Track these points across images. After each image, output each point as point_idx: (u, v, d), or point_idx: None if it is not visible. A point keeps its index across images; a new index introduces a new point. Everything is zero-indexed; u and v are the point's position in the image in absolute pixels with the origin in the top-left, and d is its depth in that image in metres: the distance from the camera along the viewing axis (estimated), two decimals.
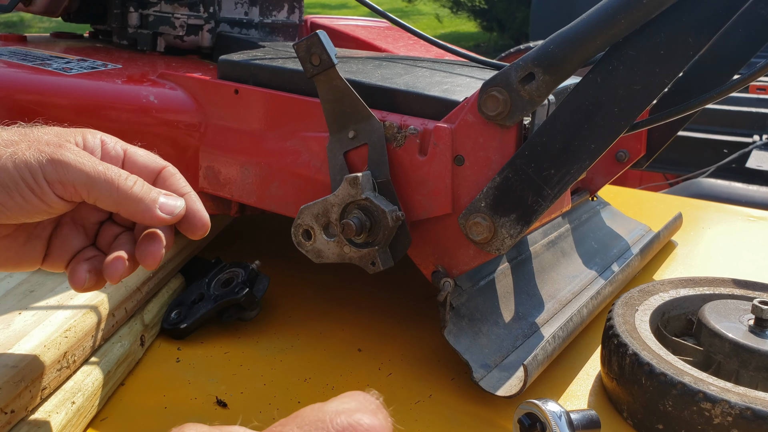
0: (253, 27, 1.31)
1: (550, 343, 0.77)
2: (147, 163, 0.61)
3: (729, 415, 0.63)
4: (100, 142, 0.60)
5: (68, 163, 0.53)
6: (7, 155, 0.52)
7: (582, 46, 0.65)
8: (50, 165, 0.52)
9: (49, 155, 0.52)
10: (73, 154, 0.53)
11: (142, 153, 0.62)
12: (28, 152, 0.52)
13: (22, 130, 0.56)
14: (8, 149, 0.52)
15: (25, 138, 0.54)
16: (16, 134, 0.55)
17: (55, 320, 0.72)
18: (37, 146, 0.53)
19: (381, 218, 0.75)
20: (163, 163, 0.62)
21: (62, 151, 0.53)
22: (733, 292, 0.87)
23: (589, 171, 1.16)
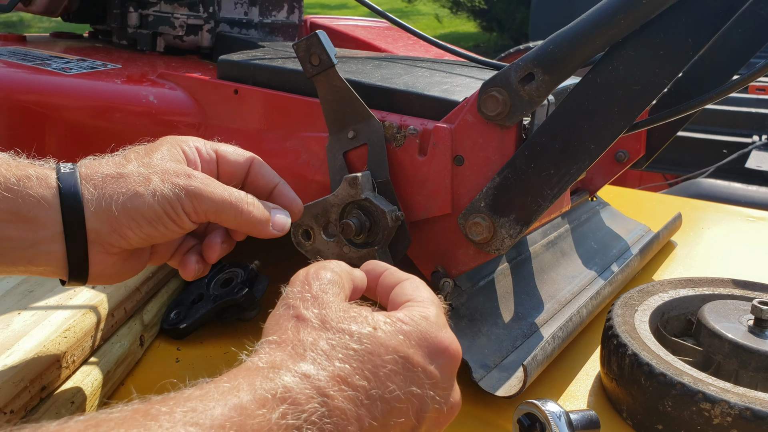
0: (252, 27, 1.31)
1: (549, 344, 0.77)
2: (237, 159, 0.66)
3: (728, 415, 0.63)
4: (196, 151, 0.64)
5: (201, 194, 0.59)
6: (146, 191, 0.57)
7: (581, 47, 0.65)
8: (187, 198, 0.58)
9: (184, 188, 0.58)
10: (202, 183, 0.60)
11: (230, 150, 0.67)
12: (164, 186, 0.58)
13: (140, 158, 0.60)
14: (138, 177, 0.58)
15: (151, 168, 0.59)
16: (139, 164, 0.59)
17: (54, 320, 0.72)
18: (169, 178, 0.58)
19: (380, 218, 0.75)
20: (250, 156, 0.67)
21: (193, 183, 0.59)
22: (733, 292, 0.87)
23: (588, 171, 1.16)
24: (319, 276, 0.51)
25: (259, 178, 0.68)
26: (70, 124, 1.00)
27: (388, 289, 0.55)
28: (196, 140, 0.65)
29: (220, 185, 0.61)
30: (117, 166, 0.59)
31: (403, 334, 0.47)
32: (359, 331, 0.45)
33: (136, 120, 1.01)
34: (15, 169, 0.56)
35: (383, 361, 0.45)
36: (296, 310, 0.47)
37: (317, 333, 0.45)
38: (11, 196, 0.54)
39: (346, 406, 0.41)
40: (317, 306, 0.47)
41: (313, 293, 0.49)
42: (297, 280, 0.51)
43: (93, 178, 0.57)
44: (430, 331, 0.49)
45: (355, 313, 0.47)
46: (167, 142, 0.64)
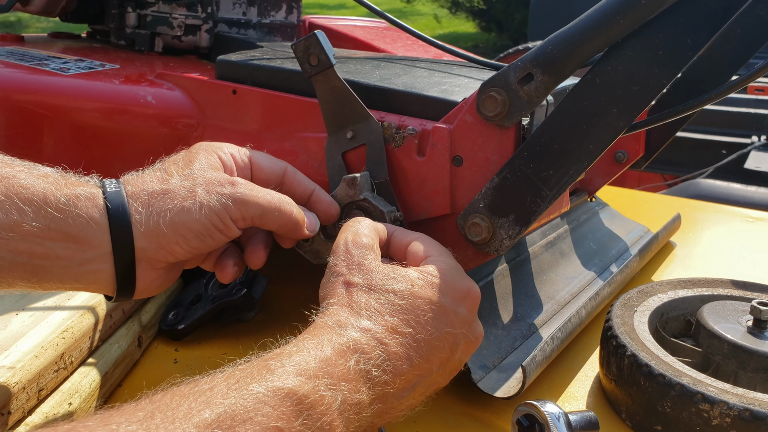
0: (251, 27, 1.31)
1: (548, 344, 0.77)
2: (271, 166, 0.68)
3: (727, 416, 0.63)
4: (231, 157, 0.65)
5: (247, 200, 0.61)
6: (192, 205, 0.58)
7: (580, 47, 0.65)
8: (234, 205, 0.60)
9: (230, 196, 0.60)
10: (247, 189, 0.61)
11: (263, 157, 0.69)
12: (210, 197, 0.59)
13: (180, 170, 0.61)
14: (183, 191, 0.59)
15: (194, 180, 0.60)
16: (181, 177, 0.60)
17: (52, 321, 0.72)
18: (214, 189, 0.60)
19: (379, 219, 0.74)
20: (283, 164, 0.70)
21: (238, 190, 0.61)
22: (732, 293, 0.87)
23: (587, 172, 1.16)
24: (357, 243, 0.60)
25: (295, 186, 0.70)
26: (68, 125, 1.00)
27: (402, 246, 0.64)
28: (230, 147, 0.66)
29: (263, 189, 0.63)
30: (161, 182, 0.60)
31: (434, 287, 0.58)
32: (401, 290, 0.56)
33: (135, 120, 1.01)
34: (64, 187, 0.56)
35: (422, 310, 0.56)
36: (345, 277, 0.57)
37: (367, 295, 0.55)
38: (61, 216, 0.55)
39: (399, 350, 0.53)
40: (362, 272, 0.57)
41: (356, 261, 0.58)
42: (339, 250, 0.60)
43: (139, 196, 0.58)
44: (455, 279, 0.60)
45: (394, 274, 0.57)
46: (203, 149, 0.64)
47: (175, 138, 0.99)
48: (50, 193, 0.55)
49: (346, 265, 0.58)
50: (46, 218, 0.54)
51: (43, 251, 0.55)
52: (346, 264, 0.58)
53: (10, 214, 0.53)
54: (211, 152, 0.64)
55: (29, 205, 0.53)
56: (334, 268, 0.58)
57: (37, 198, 0.54)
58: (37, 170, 0.56)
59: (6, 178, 0.54)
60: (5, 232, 0.53)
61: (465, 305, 0.60)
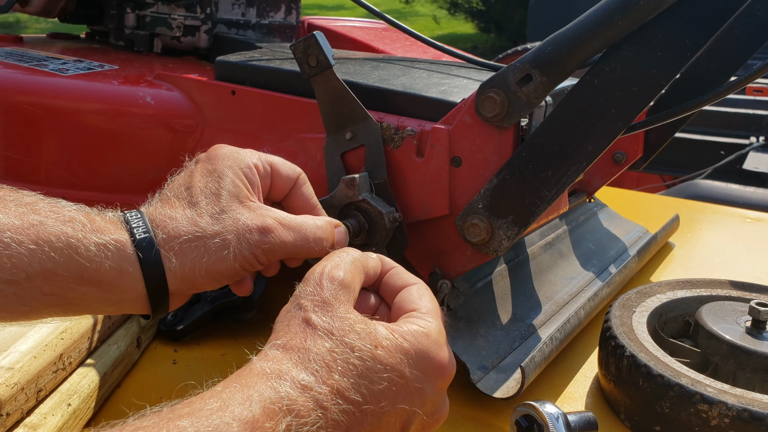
0: (250, 28, 1.31)
1: (547, 345, 0.77)
2: (288, 174, 0.66)
3: (726, 416, 0.63)
4: (255, 171, 0.63)
5: (276, 250, 0.60)
6: (226, 255, 0.58)
7: (579, 48, 0.65)
8: (263, 254, 0.59)
9: (261, 248, 0.59)
10: (276, 238, 0.59)
11: (281, 163, 0.66)
12: (242, 247, 0.58)
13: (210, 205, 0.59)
14: (215, 239, 0.58)
15: (225, 225, 0.59)
16: (212, 218, 0.59)
17: (51, 322, 0.71)
18: (245, 237, 0.58)
19: (378, 220, 0.75)
20: (298, 170, 0.67)
21: (267, 239, 0.59)
22: (730, 293, 0.87)
23: (586, 172, 1.16)
24: (333, 277, 0.53)
25: (296, 197, 0.67)
26: (67, 126, 1.00)
27: (394, 289, 0.58)
28: (251, 155, 0.64)
29: (292, 227, 0.61)
30: (191, 223, 0.58)
31: (402, 353, 0.49)
32: (361, 347, 0.48)
33: (134, 121, 1.01)
34: (91, 234, 0.55)
35: (380, 378, 0.48)
36: (306, 313, 0.50)
37: (323, 342, 0.48)
38: (92, 266, 0.54)
39: (340, 419, 0.46)
40: (327, 313, 0.50)
41: (324, 297, 0.51)
42: (311, 279, 0.53)
43: (172, 246, 0.57)
44: (430, 350, 0.51)
45: (360, 328, 0.50)
46: (228, 166, 0.62)
47: (174, 139, 0.99)
48: (78, 242, 0.54)
49: (313, 299, 0.51)
50: (78, 267, 0.54)
51: (77, 295, 0.55)
52: (312, 298, 0.51)
53: (43, 263, 0.53)
54: (237, 171, 0.62)
55: (59, 254, 0.53)
56: (298, 299, 0.52)
57: (66, 247, 0.54)
58: (62, 213, 0.56)
59: (34, 226, 0.53)
60: (39, 279, 0.53)
61: (435, 383, 0.51)
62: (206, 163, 0.63)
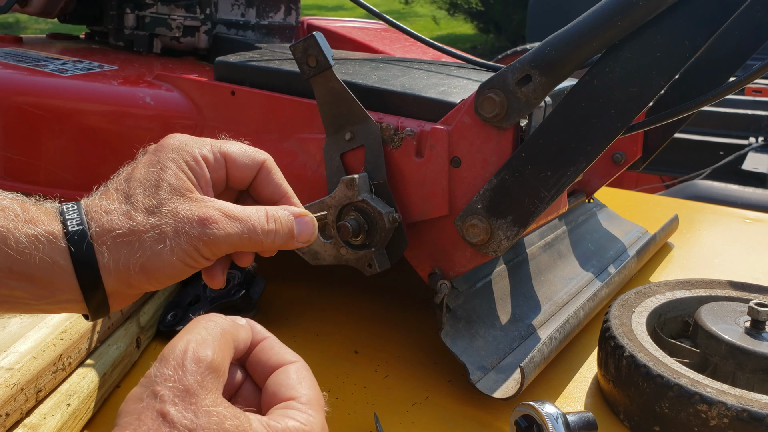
0: (249, 29, 1.31)
1: (546, 345, 0.77)
2: (247, 162, 0.61)
3: (725, 417, 0.63)
4: (204, 162, 0.59)
5: (219, 242, 0.55)
6: (162, 250, 0.53)
7: (578, 49, 0.65)
8: (205, 246, 0.55)
9: (201, 239, 0.54)
10: (218, 229, 0.55)
11: (239, 152, 0.61)
12: (180, 240, 0.54)
13: (147, 197, 0.55)
14: (151, 233, 0.54)
15: (162, 217, 0.54)
16: (148, 212, 0.55)
17: (50, 322, 0.71)
18: (183, 229, 0.54)
19: (378, 220, 0.75)
20: (260, 159, 0.62)
21: (208, 231, 0.54)
22: (730, 294, 0.88)
23: (585, 173, 1.16)
24: (198, 358, 0.44)
25: (262, 187, 0.62)
26: (66, 126, 1.00)
27: (267, 367, 0.51)
28: (202, 145, 0.60)
29: (237, 218, 0.56)
30: (126, 217, 0.54)
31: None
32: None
33: (133, 121, 1.01)
34: (23, 224, 0.52)
35: None
36: (163, 405, 0.41)
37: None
38: (22, 258, 0.51)
39: None
40: (189, 406, 0.42)
41: (188, 385, 0.43)
42: (171, 359, 0.44)
43: (104, 240, 0.53)
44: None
45: (230, 424, 0.42)
46: (171, 159, 0.58)
47: None
48: (8, 232, 0.51)
49: (172, 386, 0.42)
50: (7, 259, 0.51)
51: (7, 291, 0.52)
52: (172, 385, 0.42)
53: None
54: (181, 163, 0.57)
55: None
56: (154, 385, 0.42)
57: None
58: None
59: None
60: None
61: None
62: (152, 154, 0.59)
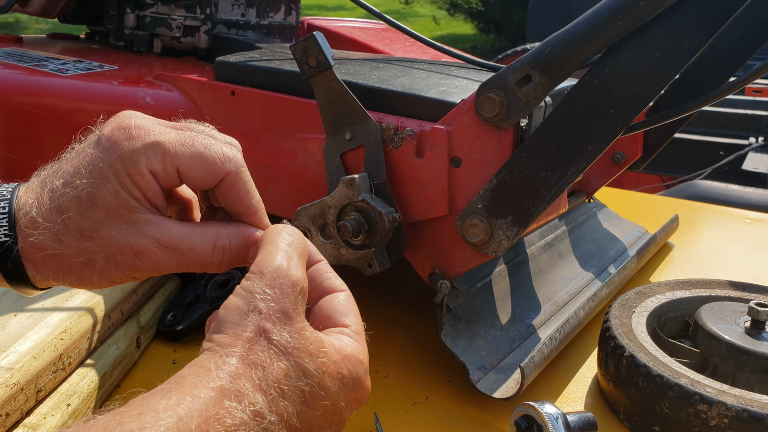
0: (249, 28, 1.31)
1: (546, 345, 0.77)
2: (203, 175, 0.55)
3: (725, 417, 0.63)
4: (151, 177, 0.54)
5: (150, 271, 0.55)
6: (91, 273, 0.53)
7: (579, 49, 0.65)
8: (136, 274, 0.54)
9: (131, 266, 0.54)
10: (151, 261, 0.54)
11: (196, 163, 0.55)
12: (110, 267, 0.54)
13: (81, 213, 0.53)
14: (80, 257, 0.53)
15: (94, 242, 0.53)
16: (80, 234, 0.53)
17: (50, 322, 0.71)
18: (114, 259, 0.53)
19: (378, 220, 0.75)
20: (224, 169, 0.55)
21: (140, 261, 0.54)
22: (730, 294, 0.88)
23: (585, 173, 1.16)
24: (294, 282, 0.49)
25: (224, 199, 0.57)
26: (66, 126, 1.00)
27: (320, 289, 0.55)
28: (152, 156, 0.54)
29: (175, 247, 0.54)
30: (55, 239, 0.53)
31: (340, 381, 0.49)
32: (312, 373, 0.47)
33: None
34: None
35: (319, 405, 0.47)
36: (265, 323, 0.46)
37: (279, 363, 0.46)
38: None
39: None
40: (285, 327, 0.47)
41: (286, 307, 0.47)
42: (268, 275, 0.49)
43: (33, 259, 0.53)
44: (361, 378, 0.51)
45: (313, 350, 0.47)
46: (116, 172, 0.53)
47: None
48: None
49: (274, 306, 0.47)
50: None
51: None
52: (274, 305, 0.47)
53: None
54: (124, 177, 0.53)
55: None
56: (257, 300, 0.47)
57: None
58: None
59: None
60: None
61: (355, 407, 0.52)
62: (97, 150, 0.55)
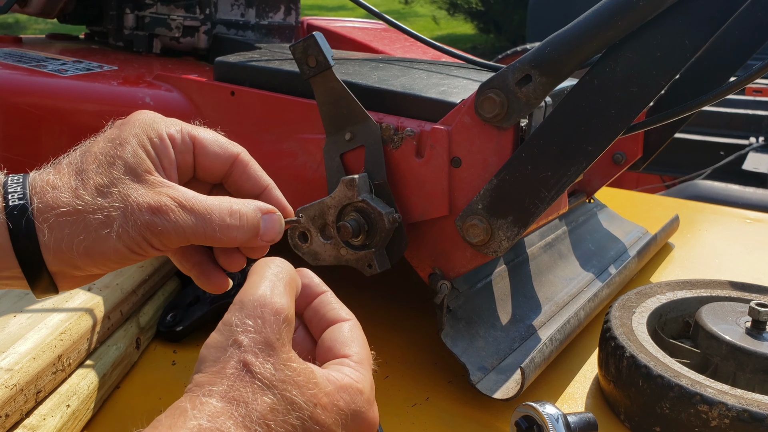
0: (249, 29, 1.31)
1: (547, 346, 0.77)
2: (218, 153, 0.57)
3: (726, 417, 0.63)
4: (170, 141, 0.55)
5: (169, 234, 0.51)
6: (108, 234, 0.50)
7: (579, 48, 0.65)
8: (154, 237, 0.51)
9: (150, 230, 0.51)
10: (168, 221, 0.51)
11: (212, 139, 0.57)
12: (128, 227, 0.50)
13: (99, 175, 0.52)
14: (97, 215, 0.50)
15: (112, 198, 0.51)
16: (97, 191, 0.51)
17: (50, 323, 0.71)
18: (132, 216, 0.51)
19: (378, 220, 0.74)
20: (235, 151, 0.58)
21: (158, 221, 0.51)
22: (730, 294, 0.87)
23: (586, 173, 1.16)
24: (277, 311, 0.47)
25: (243, 181, 0.58)
26: (66, 126, 1.00)
27: (323, 320, 0.53)
28: (171, 124, 0.56)
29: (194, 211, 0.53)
30: (73, 195, 0.51)
31: (338, 414, 0.46)
32: (302, 406, 0.44)
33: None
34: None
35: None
36: (246, 356, 0.44)
37: (263, 397, 0.43)
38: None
39: None
40: (269, 359, 0.45)
41: (268, 337, 0.45)
42: (249, 306, 0.47)
43: (47, 217, 0.50)
44: (362, 409, 0.48)
45: (301, 381, 0.45)
46: (134, 135, 0.54)
47: None
48: None
49: (254, 338, 0.45)
50: None
51: None
52: (253, 337, 0.45)
53: None
54: (143, 138, 0.54)
55: None
56: (237, 334, 0.45)
57: None
58: None
59: None
60: None
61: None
62: (115, 128, 0.56)
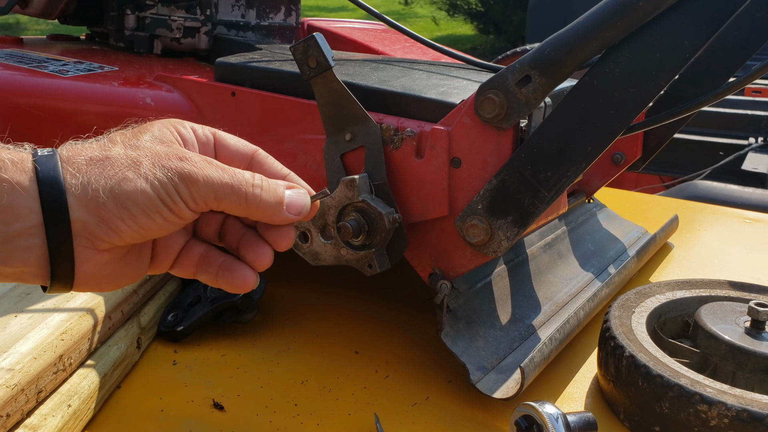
0: (249, 29, 1.31)
1: (546, 346, 0.77)
2: (238, 147, 0.60)
3: (725, 417, 0.63)
4: (192, 131, 0.58)
5: (197, 178, 0.52)
6: (136, 175, 0.50)
7: (578, 49, 0.65)
8: (182, 182, 0.51)
9: (177, 172, 0.51)
10: (197, 167, 0.52)
11: (230, 137, 0.60)
12: (156, 170, 0.51)
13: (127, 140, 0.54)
14: (125, 159, 0.52)
15: (140, 151, 0.52)
16: (126, 146, 0.53)
17: (51, 323, 0.72)
18: (160, 161, 0.52)
19: (378, 221, 0.75)
20: (254, 147, 0.61)
21: (186, 166, 0.52)
22: (730, 294, 0.88)
23: (585, 173, 1.16)
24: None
25: (264, 170, 0.60)
26: (67, 127, 1.00)
27: None
28: (191, 123, 0.59)
29: (220, 167, 0.54)
30: (102, 149, 0.52)
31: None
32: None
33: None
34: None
35: None
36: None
37: None
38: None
39: None
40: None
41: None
42: None
43: (75, 161, 0.50)
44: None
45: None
46: (159, 122, 0.57)
47: None
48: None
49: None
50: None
51: None
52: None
53: None
54: (168, 125, 0.57)
55: None
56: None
57: None
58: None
59: None
60: None
61: None
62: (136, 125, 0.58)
